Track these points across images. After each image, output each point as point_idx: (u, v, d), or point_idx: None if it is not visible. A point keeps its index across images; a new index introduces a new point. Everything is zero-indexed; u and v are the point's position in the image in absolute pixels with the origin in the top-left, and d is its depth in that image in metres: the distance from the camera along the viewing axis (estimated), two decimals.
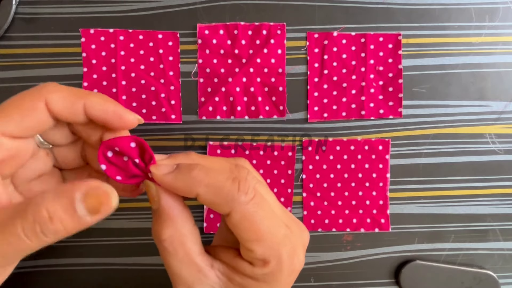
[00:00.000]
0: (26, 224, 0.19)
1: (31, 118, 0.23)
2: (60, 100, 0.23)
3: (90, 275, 0.39)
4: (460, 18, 0.38)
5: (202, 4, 0.37)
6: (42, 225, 0.19)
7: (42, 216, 0.19)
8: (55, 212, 0.19)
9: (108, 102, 0.24)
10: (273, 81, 0.38)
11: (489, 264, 0.40)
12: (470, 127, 0.39)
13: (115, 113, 0.23)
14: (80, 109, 0.23)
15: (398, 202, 0.39)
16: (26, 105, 0.23)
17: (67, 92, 0.24)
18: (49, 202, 0.20)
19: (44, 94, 0.23)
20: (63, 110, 0.23)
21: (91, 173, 0.27)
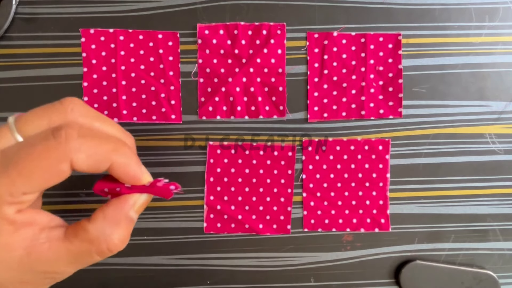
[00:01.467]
0: (103, 255, 0.24)
1: (56, 180, 0.22)
2: (86, 160, 0.22)
3: (90, 275, 0.39)
4: (460, 18, 0.38)
5: (202, 4, 0.37)
6: (117, 248, 0.24)
7: (115, 244, 0.24)
8: (122, 235, 0.24)
9: (131, 161, 0.24)
10: (273, 81, 0.38)
11: (489, 264, 0.40)
12: (470, 127, 0.39)
13: (134, 177, 0.25)
14: (104, 169, 0.24)
15: (398, 202, 0.39)
16: (51, 170, 0.21)
17: (93, 150, 0.22)
18: (116, 232, 0.24)
19: (70, 155, 0.21)
20: (87, 169, 0.23)
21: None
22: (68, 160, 0.21)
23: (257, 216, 0.39)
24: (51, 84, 0.37)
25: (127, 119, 0.38)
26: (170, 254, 0.39)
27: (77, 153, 0.22)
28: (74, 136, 0.22)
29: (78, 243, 0.23)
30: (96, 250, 0.23)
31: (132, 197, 0.25)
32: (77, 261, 0.23)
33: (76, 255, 0.23)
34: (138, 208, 0.25)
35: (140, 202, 0.25)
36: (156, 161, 0.38)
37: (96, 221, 0.23)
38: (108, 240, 0.23)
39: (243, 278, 0.39)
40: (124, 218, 0.24)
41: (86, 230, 0.23)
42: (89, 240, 0.23)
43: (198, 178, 0.39)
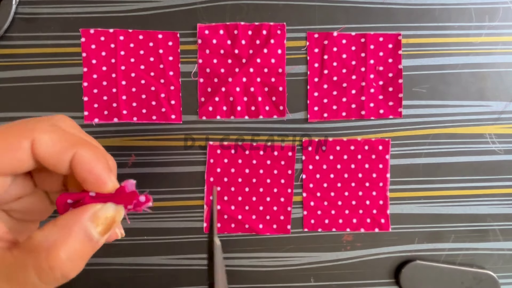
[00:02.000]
0: (43, 274, 0.18)
1: (11, 157, 0.20)
2: (50, 144, 0.20)
3: (90, 275, 0.39)
4: (460, 18, 0.38)
5: (202, 4, 0.37)
6: (62, 268, 0.19)
7: (60, 260, 0.18)
8: (72, 250, 0.19)
9: (97, 160, 0.21)
10: (273, 81, 0.38)
11: (489, 264, 0.40)
12: (470, 127, 0.39)
13: (98, 179, 0.21)
14: (67, 160, 0.21)
15: (398, 202, 0.39)
16: (10, 141, 0.20)
17: (59, 136, 0.21)
18: (62, 242, 0.19)
19: (33, 133, 0.20)
20: (49, 156, 0.20)
21: None
22: (30, 137, 0.20)
23: (257, 216, 0.39)
24: (51, 84, 0.37)
25: (127, 119, 0.38)
26: (170, 254, 0.39)
27: (41, 133, 0.20)
28: (44, 120, 0.21)
29: (16, 252, 0.19)
30: (33, 263, 0.18)
31: (93, 206, 0.20)
32: (10, 281, 0.18)
33: (10, 269, 0.19)
34: (102, 223, 0.20)
35: (104, 214, 0.20)
36: (156, 161, 0.38)
37: (44, 228, 0.19)
38: (51, 250, 0.18)
39: (243, 278, 0.39)
40: (78, 230, 0.19)
41: (31, 236, 0.19)
42: (29, 249, 0.19)
43: (198, 178, 0.39)
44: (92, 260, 0.39)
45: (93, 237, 0.20)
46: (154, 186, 0.39)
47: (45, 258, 0.18)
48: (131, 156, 0.38)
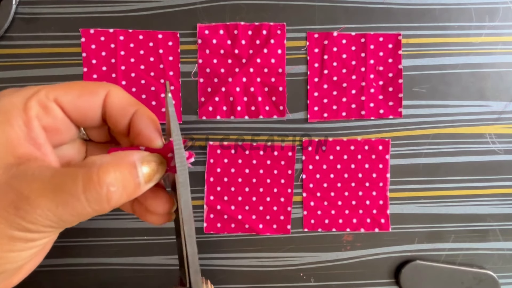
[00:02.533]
0: (90, 186, 0.19)
1: (88, 100, 0.23)
2: (120, 97, 0.24)
3: (90, 275, 0.39)
4: (460, 18, 0.38)
5: (202, 4, 0.37)
6: (109, 187, 0.19)
7: (109, 178, 0.19)
8: (120, 176, 0.20)
9: (153, 121, 0.24)
10: (273, 81, 0.38)
11: (489, 264, 0.40)
12: (470, 127, 0.39)
13: (152, 134, 0.24)
14: (130, 114, 0.24)
15: (398, 202, 0.39)
16: (89, 87, 0.24)
17: (128, 95, 0.25)
18: (114, 163, 0.20)
19: (110, 87, 0.24)
20: (117, 107, 0.24)
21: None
22: (106, 89, 0.24)
23: (257, 216, 0.39)
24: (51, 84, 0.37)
25: None
26: (170, 254, 0.39)
27: (115, 88, 0.24)
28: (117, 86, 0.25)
29: (69, 167, 0.20)
30: (83, 173, 0.19)
31: (141, 152, 0.22)
32: (56, 188, 0.19)
33: (60, 178, 0.19)
34: (147, 171, 0.22)
35: (150, 163, 0.22)
36: None
37: (98, 155, 0.21)
38: (101, 168, 0.19)
39: (243, 278, 0.39)
40: (128, 164, 0.21)
41: (86, 159, 0.21)
42: (82, 164, 0.20)
43: (198, 178, 0.39)
44: (92, 260, 0.39)
45: (138, 176, 0.21)
46: None
47: (96, 172, 0.19)
48: None
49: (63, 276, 0.39)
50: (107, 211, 0.21)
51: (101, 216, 0.38)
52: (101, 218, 0.38)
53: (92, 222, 0.38)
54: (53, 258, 0.39)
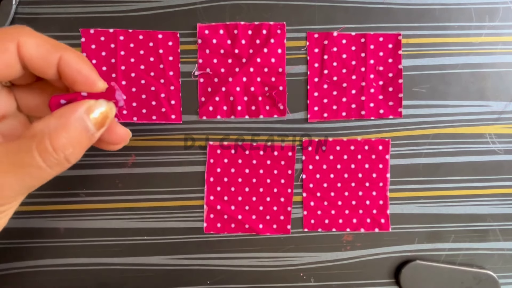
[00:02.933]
0: (46, 155, 0.20)
1: (0, 60, 0.21)
2: (35, 46, 0.21)
3: (90, 275, 0.39)
4: (460, 18, 0.38)
5: (202, 4, 0.37)
6: (64, 151, 0.20)
7: (62, 143, 0.20)
8: (72, 137, 0.20)
9: (85, 62, 0.22)
10: (273, 80, 0.38)
11: (489, 264, 0.40)
12: (470, 127, 0.39)
13: (88, 79, 0.22)
14: (54, 61, 0.22)
15: (398, 202, 0.39)
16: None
17: (43, 40, 0.22)
18: (63, 128, 0.20)
19: (18, 36, 0.21)
20: (36, 58, 0.21)
21: None
22: (15, 40, 0.20)
23: (257, 216, 0.39)
24: None
25: (127, 119, 0.38)
26: (170, 254, 0.39)
27: (27, 36, 0.21)
28: (28, 27, 0.21)
29: (18, 141, 0.20)
30: (37, 145, 0.20)
31: (87, 102, 0.22)
32: (15, 165, 0.20)
33: (15, 155, 0.20)
34: (96, 119, 0.22)
35: (97, 108, 0.22)
36: (156, 161, 0.38)
37: (43, 119, 0.20)
38: (52, 135, 0.20)
39: (243, 278, 0.39)
40: (75, 120, 0.21)
41: (30, 127, 0.20)
42: (30, 135, 0.20)
43: (198, 178, 0.39)
44: (92, 260, 0.39)
45: (89, 128, 0.21)
46: (154, 186, 0.39)
47: (48, 141, 0.19)
48: (131, 156, 0.38)
49: (63, 276, 0.39)
50: (70, 166, 0.22)
51: (101, 216, 0.38)
52: (101, 218, 0.38)
53: (92, 222, 0.38)
54: (53, 258, 0.39)
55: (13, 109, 0.25)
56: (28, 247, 0.38)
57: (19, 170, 0.20)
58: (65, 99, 0.22)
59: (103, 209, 0.38)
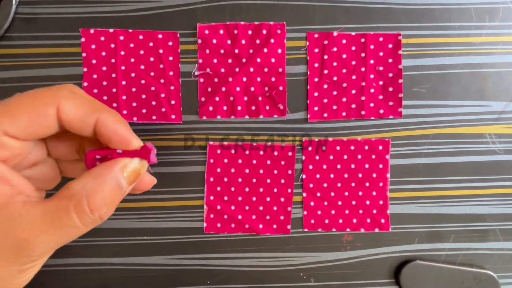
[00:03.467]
0: (83, 216, 0.21)
1: (39, 124, 0.22)
2: (74, 109, 0.22)
3: (90, 275, 0.39)
4: (460, 18, 0.38)
5: (202, 4, 0.37)
6: (99, 211, 0.21)
7: (98, 205, 0.21)
8: (107, 197, 0.22)
9: (120, 123, 0.24)
10: (273, 80, 0.38)
11: (489, 264, 0.40)
12: (470, 127, 0.39)
13: (124, 138, 0.24)
14: (91, 123, 0.23)
15: (398, 202, 0.39)
16: (37, 109, 0.22)
17: (81, 102, 0.23)
18: (99, 189, 0.21)
19: (58, 100, 0.22)
20: (74, 120, 0.22)
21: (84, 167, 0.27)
22: (55, 104, 0.21)
23: (257, 216, 0.39)
24: (51, 84, 0.37)
25: (127, 119, 0.38)
26: (170, 254, 0.39)
27: (65, 100, 0.22)
28: (67, 87, 0.22)
29: (56, 201, 0.21)
30: (74, 206, 0.21)
31: (122, 160, 0.23)
32: (53, 224, 0.21)
33: (52, 215, 0.21)
34: (129, 175, 0.23)
35: (131, 167, 0.23)
36: None
37: (80, 178, 0.22)
38: (89, 196, 0.21)
39: (243, 278, 0.39)
40: (110, 179, 0.22)
41: (68, 186, 0.21)
42: (69, 196, 0.21)
43: (198, 178, 0.39)
44: (92, 260, 0.39)
45: (122, 186, 0.23)
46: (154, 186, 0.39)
47: (85, 203, 0.21)
48: None
49: (63, 276, 0.39)
50: (107, 218, 0.23)
51: None
52: None
53: None
54: (53, 258, 0.39)
55: (44, 156, 0.26)
56: None
57: (56, 230, 0.21)
58: (101, 155, 0.24)
59: None
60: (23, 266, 0.21)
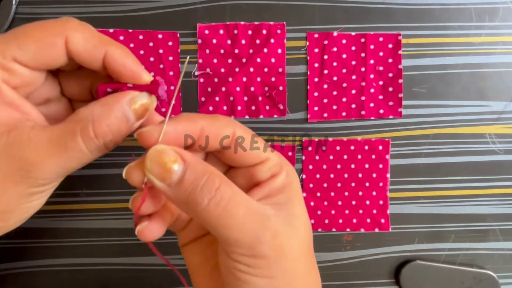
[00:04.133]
0: (88, 140, 0.21)
1: (48, 54, 0.22)
2: (82, 41, 0.22)
3: (90, 275, 0.39)
4: (460, 18, 0.38)
5: (202, 4, 0.37)
6: (105, 137, 0.21)
7: (103, 131, 0.21)
8: (113, 125, 0.22)
9: (129, 56, 0.24)
10: (273, 80, 0.38)
11: (489, 264, 0.40)
12: (470, 127, 0.39)
13: (134, 72, 0.23)
14: (100, 56, 0.23)
15: (398, 202, 0.39)
16: (46, 38, 0.22)
17: (90, 34, 0.23)
18: (105, 116, 0.21)
19: (66, 31, 0.22)
20: (82, 52, 0.23)
21: None
22: (63, 35, 0.22)
23: None
24: None
25: None
26: (170, 254, 0.39)
27: (74, 31, 0.22)
28: (75, 20, 0.22)
29: (63, 125, 0.21)
30: (80, 130, 0.21)
31: (131, 93, 0.23)
32: (59, 148, 0.21)
33: (59, 138, 0.21)
34: (137, 108, 0.23)
35: (140, 100, 0.23)
36: None
37: (89, 105, 0.22)
38: (95, 121, 0.21)
39: None
40: (118, 109, 0.22)
41: (76, 112, 0.22)
42: (76, 120, 0.21)
43: None
44: (92, 260, 0.39)
45: (129, 118, 0.23)
46: None
47: (91, 127, 0.21)
48: (131, 156, 0.38)
49: (63, 276, 0.39)
50: (111, 148, 0.23)
51: (101, 216, 0.38)
52: (101, 218, 0.38)
53: (92, 222, 0.38)
54: (53, 258, 0.39)
55: (57, 93, 0.26)
56: (28, 247, 0.38)
57: (62, 153, 0.21)
58: (112, 88, 0.24)
59: (103, 209, 0.38)
60: (31, 189, 0.22)
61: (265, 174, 0.24)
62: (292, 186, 0.24)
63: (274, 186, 0.24)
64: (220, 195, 0.20)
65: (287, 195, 0.23)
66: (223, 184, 0.21)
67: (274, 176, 0.24)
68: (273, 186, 0.24)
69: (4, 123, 0.21)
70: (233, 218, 0.20)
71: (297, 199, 0.24)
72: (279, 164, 0.24)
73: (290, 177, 0.24)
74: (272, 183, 0.24)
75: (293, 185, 0.24)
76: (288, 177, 0.24)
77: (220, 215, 0.20)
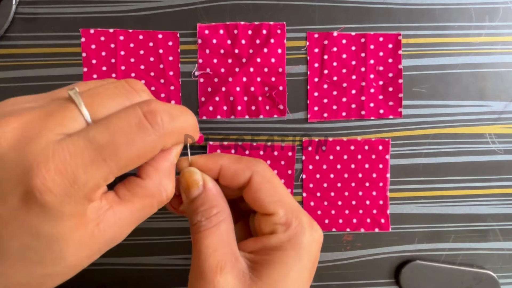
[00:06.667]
0: (161, 204, 0.25)
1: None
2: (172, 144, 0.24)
3: (90, 275, 0.39)
4: (460, 18, 0.38)
5: (202, 4, 0.37)
6: (170, 197, 0.25)
7: (171, 192, 0.25)
8: (173, 183, 0.25)
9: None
10: (273, 80, 0.38)
11: (489, 264, 0.40)
12: (470, 127, 0.39)
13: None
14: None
15: (398, 202, 0.39)
16: (146, 156, 0.22)
17: (179, 129, 0.24)
18: (170, 181, 0.25)
19: (164, 141, 0.22)
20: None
21: None
22: (162, 146, 0.23)
23: None
24: (51, 84, 0.37)
25: None
26: (170, 254, 0.39)
27: (169, 138, 0.23)
28: (168, 120, 0.22)
29: (139, 201, 0.24)
30: (157, 202, 0.24)
31: (175, 148, 0.25)
32: (140, 218, 0.25)
33: (139, 212, 0.24)
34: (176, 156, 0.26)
35: (179, 150, 0.26)
36: None
37: (151, 176, 0.24)
38: (167, 190, 0.24)
39: None
40: (172, 168, 0.25)
41: (145, 187, 0.24)
42: (150, 195, 0.24)
43: None
44: None
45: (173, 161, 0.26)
46: None
47: (165, 196, 0.24)
48: None
49: None
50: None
51: None
52: None
53: None
54: None
55: None
56: None
57: (140, 221, 0.25)
58: None
59: None
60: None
61: (268, 228, 0.26)
62: (294, 252, 0.25)
63: (269, 243, 0.25)
64: (203, 225, 0.25)
65: (281, 257, 0.25)
66: (218, 218, 0.25)
67: (273, 233, 0.26)
68: (267, 244, 0.25)
69: (92, 219, 0.23)
70: (204, 248, 0.25)
71: (291, 265, 0.25)
72: (285, 223, 0.26)
73: (296, 242, 0.25)
74: (268, 239, 0.25)
75: (296, 251, 0.25)
76: (292, 242, 0.25)
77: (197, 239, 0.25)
